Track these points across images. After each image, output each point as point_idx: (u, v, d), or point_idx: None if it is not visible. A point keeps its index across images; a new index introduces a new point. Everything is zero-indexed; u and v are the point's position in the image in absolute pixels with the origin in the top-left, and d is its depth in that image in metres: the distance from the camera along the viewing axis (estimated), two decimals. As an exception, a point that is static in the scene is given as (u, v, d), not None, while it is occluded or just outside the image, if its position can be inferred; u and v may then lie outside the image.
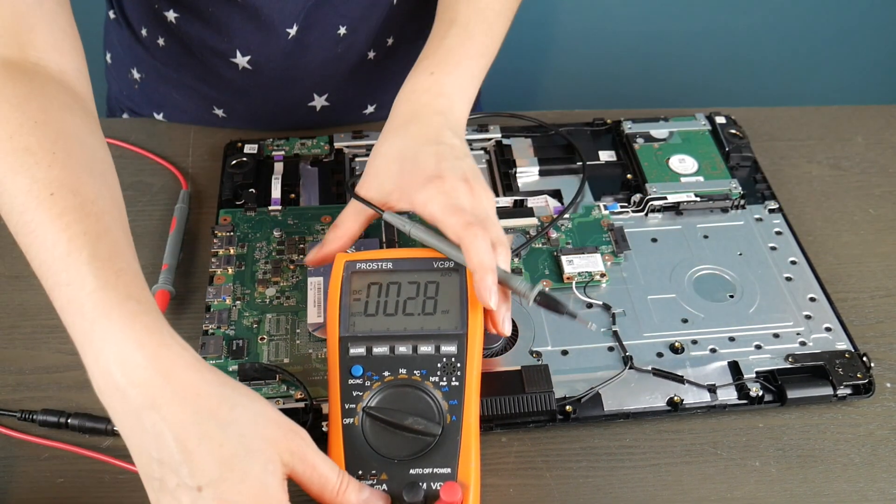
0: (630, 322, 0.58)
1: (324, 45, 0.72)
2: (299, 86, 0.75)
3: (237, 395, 0.42)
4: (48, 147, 0.45)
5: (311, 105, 0.77)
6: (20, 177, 0.44)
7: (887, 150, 0.76)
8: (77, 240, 0.42)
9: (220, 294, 0.59)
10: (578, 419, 0.53)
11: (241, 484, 0.40)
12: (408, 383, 0.49)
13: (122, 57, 0.78)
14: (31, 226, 0.43)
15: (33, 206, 0.43)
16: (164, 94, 0.78)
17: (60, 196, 0.43)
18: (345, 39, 0.73)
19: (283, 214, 0.65)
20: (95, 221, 0.44)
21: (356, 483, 0.45)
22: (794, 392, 0.54)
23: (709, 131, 0.72)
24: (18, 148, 0.45)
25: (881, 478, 0.52)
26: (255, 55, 0.72)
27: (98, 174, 0.47)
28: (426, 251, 0.54)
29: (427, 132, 0.55)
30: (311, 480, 0.43)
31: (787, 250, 0.64)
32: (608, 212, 0.66)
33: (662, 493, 0.51)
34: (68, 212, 0.43)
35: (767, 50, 1.30)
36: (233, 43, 0.71)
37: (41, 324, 0.59)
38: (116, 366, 0.40)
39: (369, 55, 0.76)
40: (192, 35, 0.71)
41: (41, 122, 0.46)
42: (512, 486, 0.51)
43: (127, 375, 0.40)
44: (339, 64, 0.75)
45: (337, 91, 0.77)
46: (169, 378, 0.40)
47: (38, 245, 0.43)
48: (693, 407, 0.54)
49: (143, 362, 0.40)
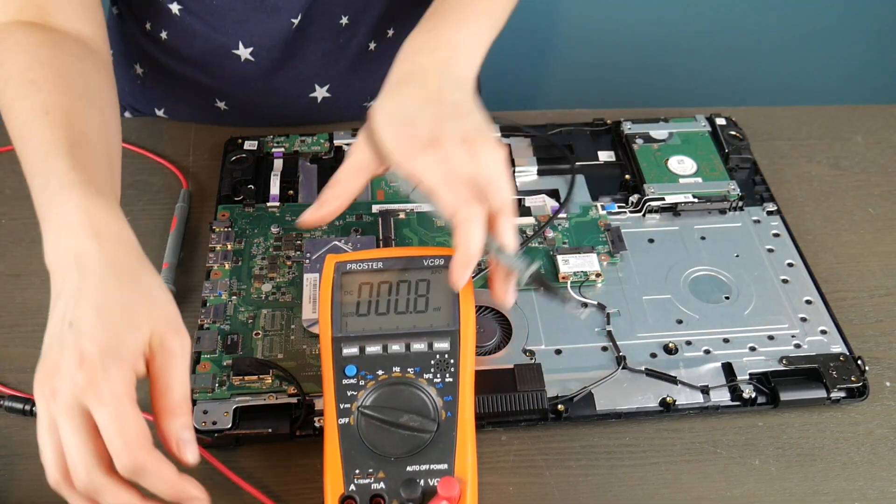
0: (624, 322, 0.59)
1: (325, 35, 0.73)
2: (300, 77, 0.76)
3: (153, 277, 0.46)
4: (52, 80, 0.52)
5: (313, 96, 0.77)
6: (24, 101, 0.51)
7: (887, 150, 0.75)
8: (59, 142, 0.49)
9: (216, 289, 0.59)
10: (570, 418, 0.54)
11: (99, 331, 0.42)
12: (402, 381, 0.49)
13: (125, 52, 0.79)
14: (27, 136, 0.50)
15: (30, 120, 0.50)
16: (167, 89, 0.78)
17: (53, 115, 0.50)
18: (346, 30, 0.73)
19: (282, 211, 0.66)
20: (79, 134, 0.50)
21: (189, 420, 0.44)
22: (788, 394, 0.54)
23: (708, 133, 0.72)
24: (26, 80, 0.52)
25: (881, 476, 0.52)
26: (257, 46, 0.72)
27: (94, 104, 0.53)
28: (416, 249, 0.54)
29: (425, 92, 0.52)
30: (159, 380, 0.43)
31: (785, 252, 0.64)
32: (605, 212, 0.66)
33: (662, 491, 0.51)
34: (57, 124, 0.50)
35: (767, 50, 1.29)
36: (235, 34, 0.72)
37: (42, 322, 0.58)
38: (65, 228, 0.45)
39: (370, 46, 0.76)
40: (195, 27, 0.72)
41: (47, 62, 0.53)
42: (511, 485, 0.52)
43: (70, 237, 0.45)
44: (340, 55, 0.75)
45: (338, 82, 0.77)
46: (102, 243, 0.45)
47: (29, 149, 0.50)
48: (685, 408, 0.54)
49: (88, 227, 0.45)
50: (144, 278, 0.45)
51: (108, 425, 0.40)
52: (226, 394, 0.53)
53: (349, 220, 0.65)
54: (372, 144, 0.51)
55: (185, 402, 0.43)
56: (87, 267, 0.44)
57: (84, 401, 0.40)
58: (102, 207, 0.46)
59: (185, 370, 0.44)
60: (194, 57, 0.75)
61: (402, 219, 0.65)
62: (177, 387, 0.43)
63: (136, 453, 0.40)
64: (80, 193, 0.46)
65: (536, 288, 0.49)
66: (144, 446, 0.41)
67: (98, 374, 0.40)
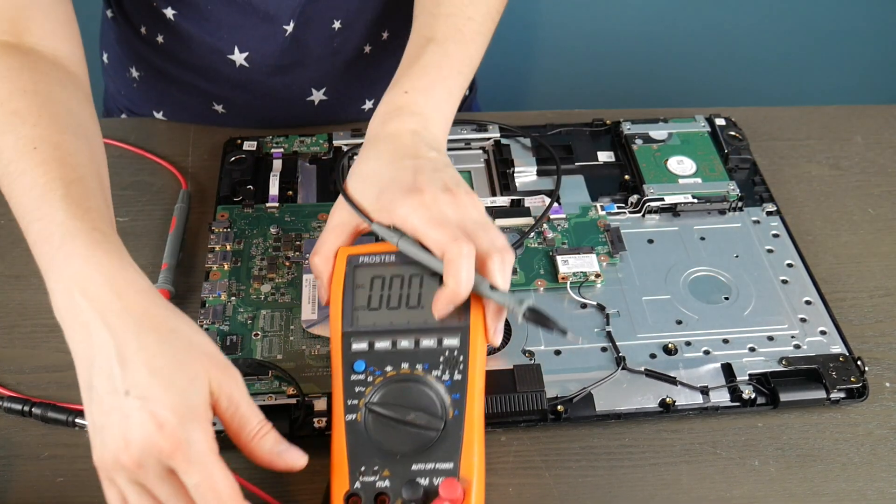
0: (624, 323, 0.58)
1: (319, 40, 0.73)
2: (297, 81, 0.76)
3: (182, 321, 0.45)
4: (35, 111, 0.50)
5: (310, 100, 0.77)
6: (8, 135, 0.49)
7: (886, 150, 0.75)
8: (53, 183, 0.47)
9: (215, 290, 0.59)
10: (570, 419, 0.54)
11: (165, 393, 0.41)
12: (410, 378, 0.48)
13: (121, 55, 0.79)
14: (15, 174, 0.48)
15: (17, 157, 0.48)
16: (163, 92, 0.78)
17: (41, 150, 0.48)
18: (340, 34, 0.73)
19: (281, 211, 0.66)
20: (72, 170, 0.48)
21: (276, 434, 0.45)
22: (787, 395, 0.54)
23: (708, 133, 0.72)
24: (8, 111, 0.49)
25: (880, 477, 0.52)
26: (252, 52, 0.72)
27: (81, 136, 0.51)
28: None
29: (402, 150, 0.53)
30: (233, 418, 0.44)
31: (784, 253, 0.64)
32: (605, 212, 0.66)
33: (662, 492, 0.51)
34: (48, 162, 0.47)
35: (767, 50, 1.29)
36: (230, 40, 0.72)
37: (41, 323, 0.60)
38: (75, 283, 0.44)
39: (365, 49, 0.76)
40: (190, 32, 0.72)
41: (30, 91, 0.50)
42: (511, 485, 0.52)
43: (84, 292, 0.43)
44: (335, 59, 0.75)
45: (334, 85, 0.77)
46: (121, 296, 0.43)
47: (19, 189, 0.47)
48: (685, 409, 0.54)
49: (101, 280, 0.44)
50: (180, 326, 0.45)
51: (200, 484, 0.41)
52: (225, 394, 0.53)
53: (348, 221, 0.65)
54: (350, 206, 0.52)
55: (264, 423, 0.45)
56: (115, 325, 0.43)
57: (172, 466, 0.41)
58: (113, 257, 0.45)
59: (249, 398, 0.45)
60: (190, 61, 0.75)
61: (402, 219, 0.65)
62: (251, 416, 0.45)
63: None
64: (85, 243, 0.45)
65: (535, 324, 0.49)
66: (236, 499, 0.42)
67: (181, 437, 0.41)
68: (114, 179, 0.52)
